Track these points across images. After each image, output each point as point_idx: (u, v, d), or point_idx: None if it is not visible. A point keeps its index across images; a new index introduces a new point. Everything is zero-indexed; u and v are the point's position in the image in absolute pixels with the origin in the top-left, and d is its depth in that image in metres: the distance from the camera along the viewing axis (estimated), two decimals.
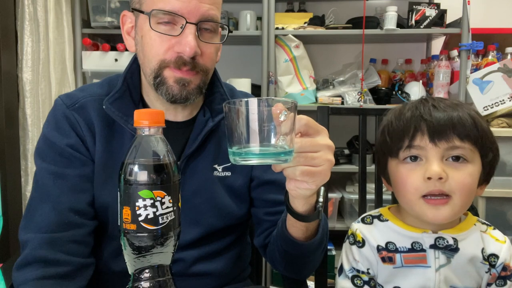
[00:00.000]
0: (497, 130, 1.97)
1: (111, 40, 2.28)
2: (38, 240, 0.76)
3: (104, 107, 0.84)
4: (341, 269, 0.85)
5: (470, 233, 0.80)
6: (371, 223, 0.84)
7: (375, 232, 0.82)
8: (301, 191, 0.67)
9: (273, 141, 0.56)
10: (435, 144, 0.74)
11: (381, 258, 0.80)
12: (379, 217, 0.85)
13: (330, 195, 2.13)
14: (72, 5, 2.08)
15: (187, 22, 0.78)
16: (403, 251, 0.79)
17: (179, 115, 0.89)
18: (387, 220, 0.83)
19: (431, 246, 0.78)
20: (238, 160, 0.57)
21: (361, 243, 0.82)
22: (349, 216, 2.16)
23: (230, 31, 0.88)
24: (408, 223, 0.81)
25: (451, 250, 0.78)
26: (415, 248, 0.79)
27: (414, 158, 0.77)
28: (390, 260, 0.79)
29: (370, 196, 1.14)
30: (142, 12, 0.81)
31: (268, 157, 0.57)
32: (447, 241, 0.77)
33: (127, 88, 0.87)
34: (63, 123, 0.84)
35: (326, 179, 0.65)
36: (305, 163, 0.62)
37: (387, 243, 0.80)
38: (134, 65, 0.90)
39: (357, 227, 0.84)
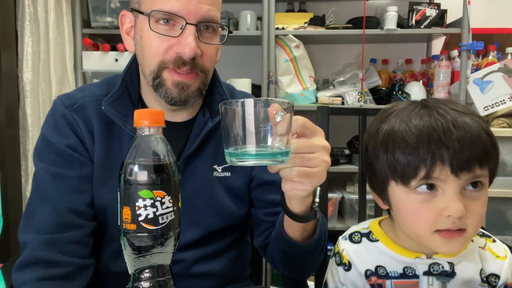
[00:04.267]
0: (497, 130, 1.97)
1: (111, 40, 2.28)
2: (38, 241, 0.76)
3: (103, 107, 0.84)
4: (326, 286, 0.81)
5: (468, 254, 0.73)
6: (359, 241, 0.78)
7: (363, 254, 0.76)
8: (297, 192, 0.67)
9: (269, 142, 0.56)
10: (457, 176, 0.63)
11: (370, 284, 0.74)
12: (368, 236, 0.78)
13: (330, 195, 2.13)
14: (72, 5, 2.08)
15: (187, 23, 0.78)
16: (394, 276, 0.73)
17: (178, 115, 0.89)
18: (377, 240, 0.76)
19: (425, 273, 0.72)
20: (235, 161, 0.57)
21: (347, 266, 0.76)
22: (349, 216, 2.15)
23: (230, 32, 0.88)
24: (400, 244, 0.74)
25: (447, 275, 0.71)
26: (407, 274, 0.73)
27: (429, 187, 0.66)
28: (380, 287, 0.74)
29: (370, 196, 1.13)
30: (141, 12, 0.81)
31: (264, 158, 0.57)
32: (442, 267, 0.71)
33: (126, 89, 0.87)
34: (62, 123, 0.84)
35: (322, 180, 0.65)
36: (301, 164, 0.62)
37: (377, 267, 0.74)
38: (133, 65, 0.90)
39: (344, 247, 0.78)
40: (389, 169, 0.68)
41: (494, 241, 0.76)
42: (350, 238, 0.79)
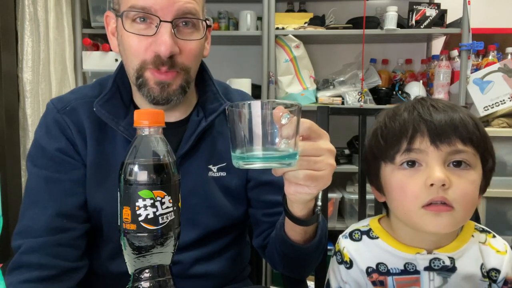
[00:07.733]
0: (497, 130, 1.96)
1: None
2: (26, 245, 0.77)
3: (94, 109, 0.83)
4: (328, 285, 0.82)
5: (468, 248, 0.74)
6: (360, 239, 0.79)
7: (364, 252, 0.77)
8: (301, 195, 0.66)
9: (276, 144, 0.56)
10: (436, 147, 0.68)
11: (371, 282, 0.75)
12: (368, 233, 0.79)
13: (330, 195, 2.13)
14: (73, 5, 2.08)
15: (161, 21, 0.76)
16: (395, 273, 0.74)
17: (172, 115, 0.88)
18: (377, 238, 0.77)
19: (426, 268, 0.73)
20: (242, 164, 0.57)
21: (349, 264, 0.77)
22: (349, 216, 2.16)
23: (209, 26, 0.85)
24: (400, 240, 0.76)
25: (448, 270, 0.72)
26: (408, 270, 0.73)
27: (412, 164, 0.70)
28: (382, 284, 0.75)
29: (370, 196, 1.13)
30: (118, 12, 0.80)
31: (271, 161, 0.56)
32: (443, 262, 0.72)
33: (117, 89, 0.87)
34: (53, 127, 0.84)
35: (327, 184, 0.64)
36: (307, 167, 0.61)
37: (378, 264, 0.75)
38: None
39: (345, 245, 0.79)
40: (377, 150, 0.75)
41: (494, 236, 0.78)
42: (351, 236, 0.80)
